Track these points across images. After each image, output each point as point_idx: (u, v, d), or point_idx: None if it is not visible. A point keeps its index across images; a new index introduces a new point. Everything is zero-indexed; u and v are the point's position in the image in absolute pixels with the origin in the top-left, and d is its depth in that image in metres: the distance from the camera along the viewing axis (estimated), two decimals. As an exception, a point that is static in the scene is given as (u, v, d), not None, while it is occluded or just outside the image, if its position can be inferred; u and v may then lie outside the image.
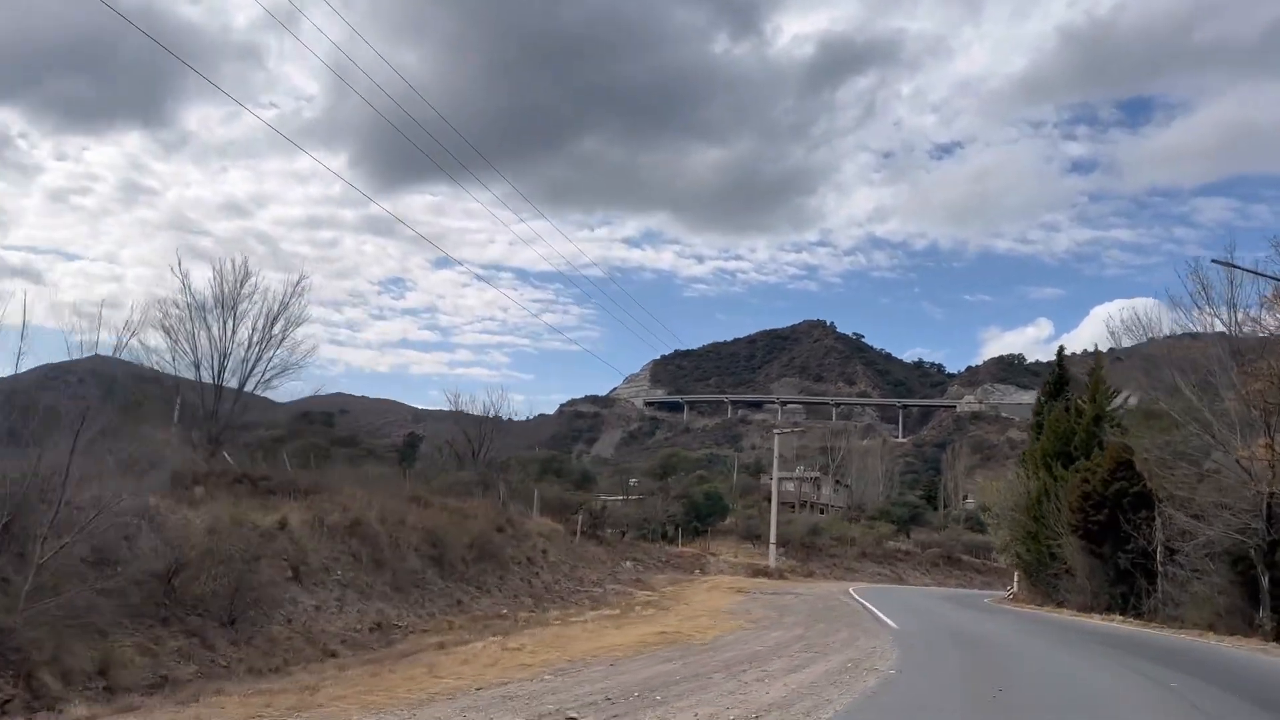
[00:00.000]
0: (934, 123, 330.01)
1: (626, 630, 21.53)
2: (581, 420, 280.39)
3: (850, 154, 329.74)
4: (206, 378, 31.86)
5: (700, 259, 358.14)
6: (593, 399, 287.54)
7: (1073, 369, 52.48)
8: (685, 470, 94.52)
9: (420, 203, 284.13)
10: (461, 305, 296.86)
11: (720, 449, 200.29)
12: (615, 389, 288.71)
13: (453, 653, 17.23)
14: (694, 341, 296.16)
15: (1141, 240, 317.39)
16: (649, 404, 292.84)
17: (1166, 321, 33.69)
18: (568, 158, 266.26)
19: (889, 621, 26.72)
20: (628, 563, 49.50)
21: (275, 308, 33.01)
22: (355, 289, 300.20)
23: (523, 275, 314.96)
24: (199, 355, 31.56)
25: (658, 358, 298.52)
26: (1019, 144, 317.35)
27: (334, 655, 18.42)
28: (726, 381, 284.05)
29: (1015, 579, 55.12)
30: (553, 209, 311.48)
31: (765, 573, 55.62)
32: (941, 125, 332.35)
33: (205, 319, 31.65)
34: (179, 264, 32.42)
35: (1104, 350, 49.54)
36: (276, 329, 32.97)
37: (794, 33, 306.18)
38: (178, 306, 31.61)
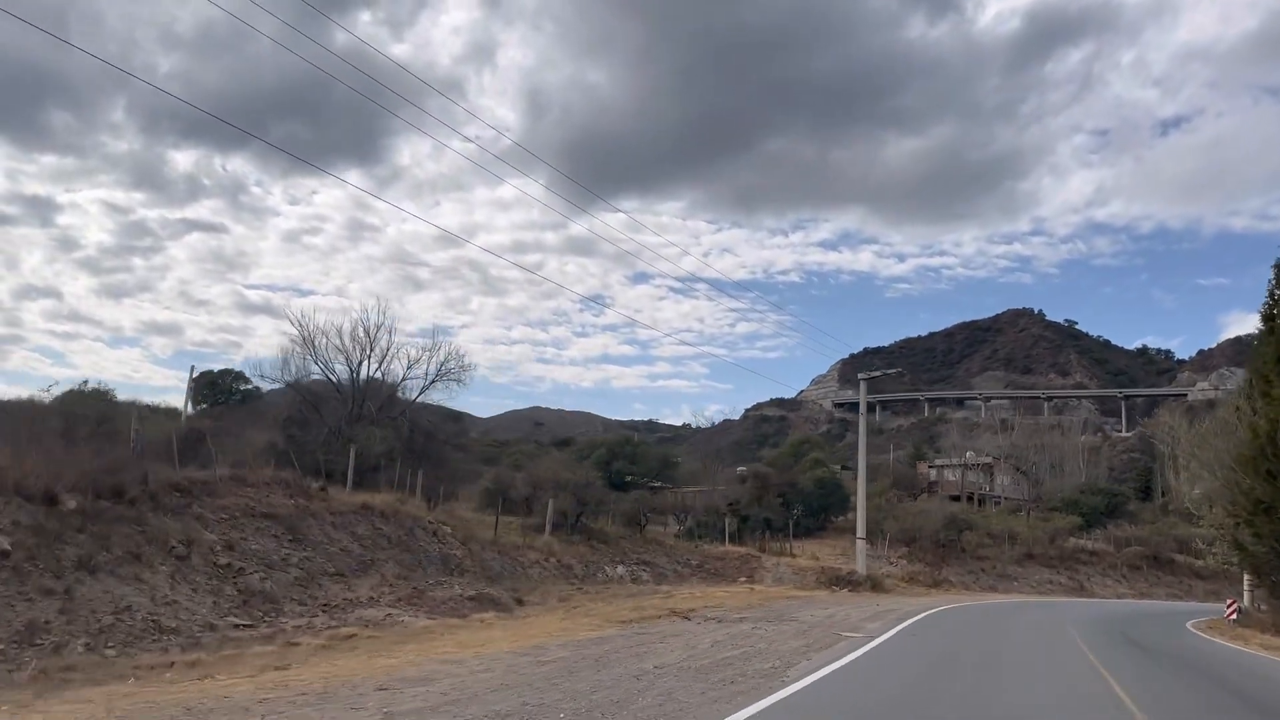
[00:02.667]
0: (1158, 94, 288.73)
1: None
2: (767, 424, 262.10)
3: (1065, 133, 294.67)
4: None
5: (901, 257, 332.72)
6: (779, 402, 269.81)
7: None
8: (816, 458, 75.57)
9: (615, 220, 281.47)
10: (659, 318, 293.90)
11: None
12: (802, 391, 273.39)
13: None
14: (887, 340, 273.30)
15: None
16: (838, 405, 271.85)
17: None
18: (757, 160, 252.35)
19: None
20: (619, 567, 32.40)
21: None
22: (559, 308, 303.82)
23: (718, 285, 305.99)
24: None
25: (846, 356, 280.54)
26: (1255, 110, 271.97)
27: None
28: (923, 379, 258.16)
29: (1245, 586, 34.28)
30: (744, 214, 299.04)
31: (849, 582, 36.85)
32: (1167, 96, 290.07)
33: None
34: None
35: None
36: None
37: (998, 9, 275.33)
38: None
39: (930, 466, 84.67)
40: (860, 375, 46.14)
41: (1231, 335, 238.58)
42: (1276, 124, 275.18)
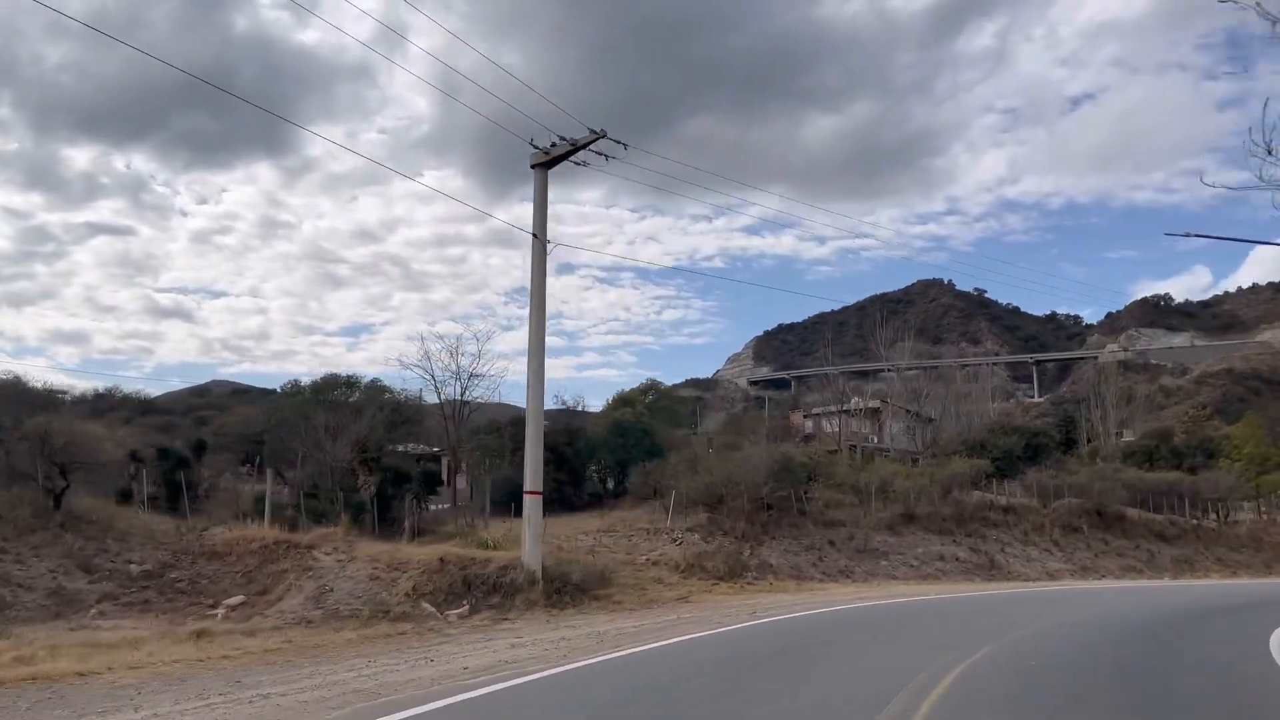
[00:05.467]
0: (1067, 70, 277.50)
1: None
2: (683, 406, 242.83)
3: (977, 110, 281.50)
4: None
5: (821, 240, 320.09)
6: (695, 383, 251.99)
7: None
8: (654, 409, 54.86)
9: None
10: (585, 309, 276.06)
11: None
12: (718, 371, 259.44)
13: None
14: (801, 315, 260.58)
15: None
16: (753, 383, 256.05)
17: None
18: (677, 142, 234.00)
19: None
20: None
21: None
22: (484, 301, 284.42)
23: (643, 274, 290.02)
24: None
25: (760, 334, 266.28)
26: (1159, 83, 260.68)
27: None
28: (836, 352, 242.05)
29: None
30: (665, 197, 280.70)
31: (490, 587, 15.63)
32: (1075, 71, 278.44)
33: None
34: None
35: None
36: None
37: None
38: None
39: (806, 416, 64.65)
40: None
41: (1138, 297, 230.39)
42: (1180, 96, 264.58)
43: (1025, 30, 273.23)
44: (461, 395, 41.90)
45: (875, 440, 61.49)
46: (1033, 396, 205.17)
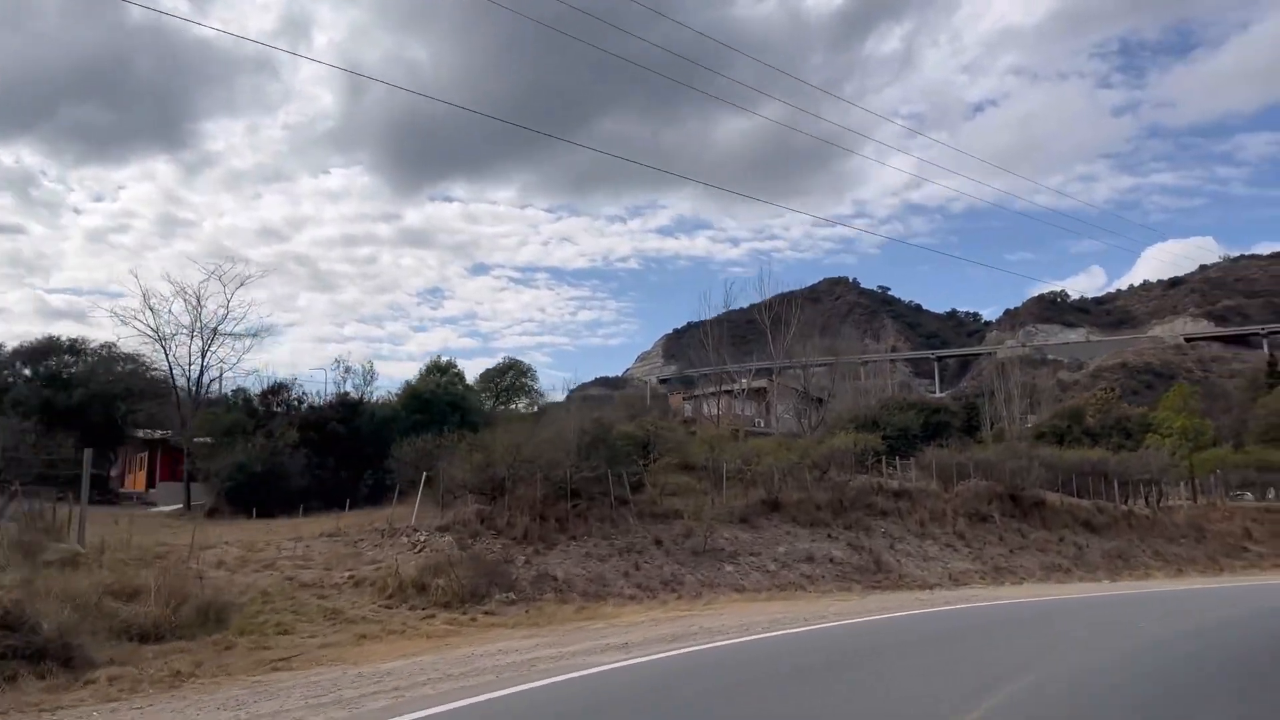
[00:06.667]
0: (969, 76, 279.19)
1: None
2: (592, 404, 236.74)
3: (885, 113, 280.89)
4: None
5: (735, 242, 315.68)
6: (604, 381, 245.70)
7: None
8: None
9: (452, 210, 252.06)
10: (500, 309, 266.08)
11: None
12: (628, 369, 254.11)
13: None
14: (711, 314, 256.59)
15: (1184, 183, 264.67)
16: (662, 381, 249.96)
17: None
18: (591, 141, 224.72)
19: None
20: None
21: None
22: (395, 302, 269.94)
23: (558, 274, 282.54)
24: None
25: (669, 332, 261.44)
26: (1058, 90, 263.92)
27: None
28: (742, 350, 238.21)
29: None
30: (580, 198, 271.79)
31: None
32: (977, 77, 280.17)
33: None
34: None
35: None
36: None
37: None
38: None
39: (686, 399, 56.63)
40: None
41: (1035, 294, 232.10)
42: (1076, 103, 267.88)
43: (931, 35, 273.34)
44: (203, 358, 31.54)
45: (761, 424, 53.69)
46: (934, 392, 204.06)
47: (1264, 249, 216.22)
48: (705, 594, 18.04)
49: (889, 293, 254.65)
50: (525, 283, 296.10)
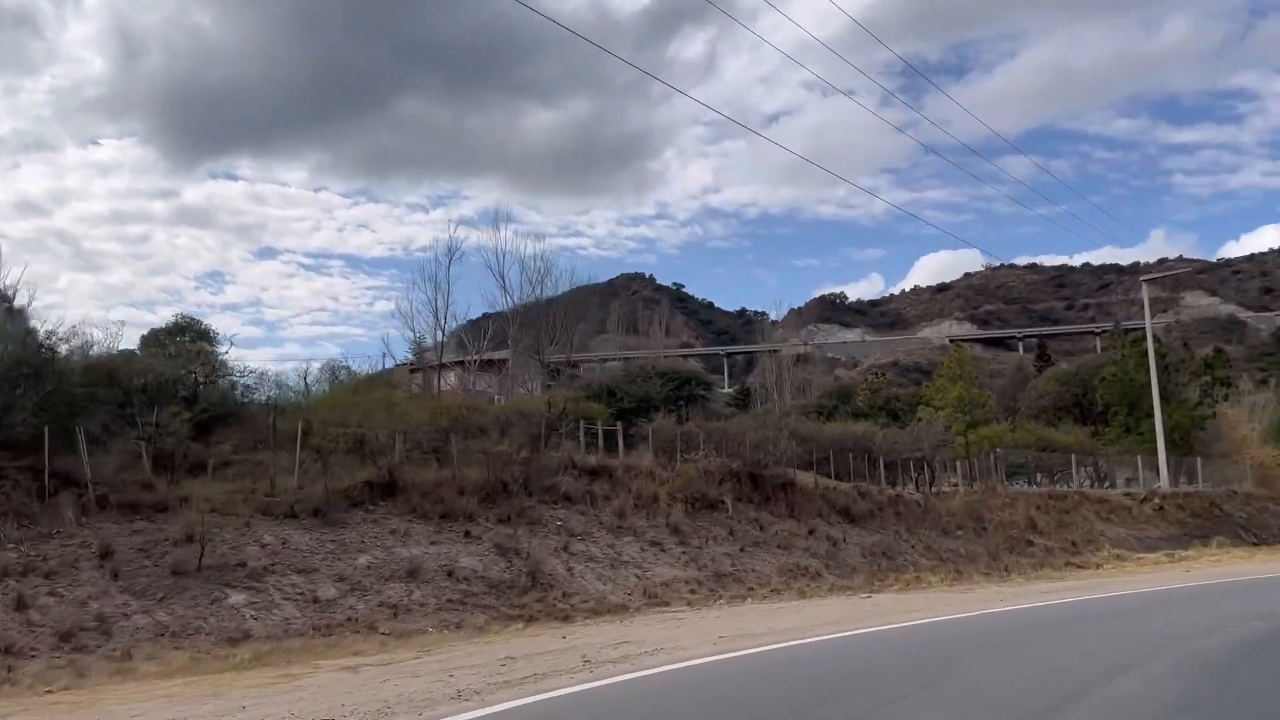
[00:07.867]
0: (766, 85, 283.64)
1: None
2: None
3: (687, 118, 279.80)
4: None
5: (540, 238, 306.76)
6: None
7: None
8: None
9: (235, 190, 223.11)
10: (289, 297, 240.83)
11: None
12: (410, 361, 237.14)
13: None
14: (508, 305, 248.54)
15: (954, 199, 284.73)
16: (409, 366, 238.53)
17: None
18: (389, 122, 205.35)
19: None
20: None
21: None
22: (170, 285, 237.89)
23: (354, 262, 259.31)
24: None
25: (465, 323, 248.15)
26: (847, 103, 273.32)
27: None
28: (543, 343, 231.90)
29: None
30: (377, 180, 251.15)
31: None
32: (774, 85, 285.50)
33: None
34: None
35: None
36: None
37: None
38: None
39: (413, 371, 47.61)
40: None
41: (817, 295, 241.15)
42: (862, 119, 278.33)
43: (733, 42, 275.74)
44: None
45: (500, 399, 45.28)
46: (724, 388, 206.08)
47: (1022, 260, 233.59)
48: (163, 653, 9.08)
49: (684, 289, 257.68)
50: (317, 270, 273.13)
